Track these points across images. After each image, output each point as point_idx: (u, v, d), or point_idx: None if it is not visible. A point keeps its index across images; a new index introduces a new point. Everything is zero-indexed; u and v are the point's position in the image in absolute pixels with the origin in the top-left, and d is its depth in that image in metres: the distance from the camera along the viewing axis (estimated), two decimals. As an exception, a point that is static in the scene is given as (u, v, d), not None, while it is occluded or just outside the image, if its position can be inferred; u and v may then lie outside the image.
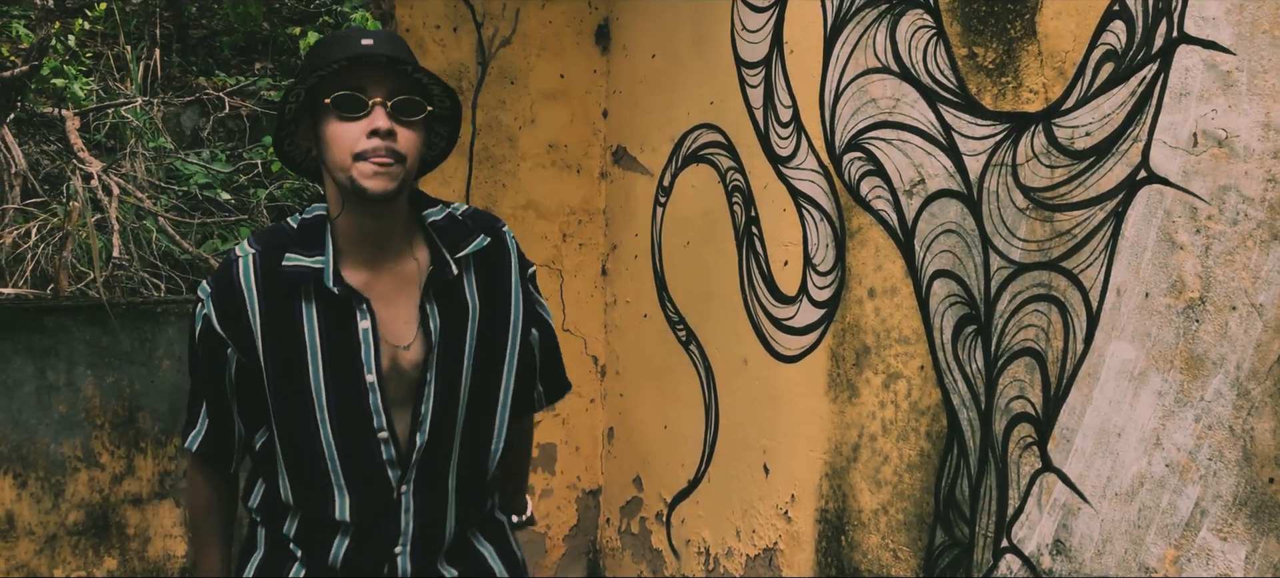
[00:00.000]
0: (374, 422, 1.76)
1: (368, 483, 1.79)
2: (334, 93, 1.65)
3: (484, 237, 1.86)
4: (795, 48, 2.85)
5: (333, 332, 1.74)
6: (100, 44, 5.71)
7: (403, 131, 1.66)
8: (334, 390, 1.74)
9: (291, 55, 6.23)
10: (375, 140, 1.63)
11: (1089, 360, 2.07)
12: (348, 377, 1.74)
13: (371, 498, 1.80)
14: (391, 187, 1.66)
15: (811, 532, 2.86)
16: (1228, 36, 1.80)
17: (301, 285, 1.74)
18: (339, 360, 1.74)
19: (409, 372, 1.78)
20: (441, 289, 1.80)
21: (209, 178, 5.11)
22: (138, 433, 3.51)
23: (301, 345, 1.74)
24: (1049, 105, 2.14)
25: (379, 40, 1.69)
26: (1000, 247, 2.25)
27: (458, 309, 1.82)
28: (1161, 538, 1.94)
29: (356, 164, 1.64)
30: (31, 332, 3.36)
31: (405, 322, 1.78)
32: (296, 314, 1.73)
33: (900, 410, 2.54)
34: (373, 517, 1.80)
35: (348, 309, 1.73)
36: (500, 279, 1.90)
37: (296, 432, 1.77)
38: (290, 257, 1.74)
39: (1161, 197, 1.92)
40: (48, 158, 4.79)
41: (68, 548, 3.43)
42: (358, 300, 1.73)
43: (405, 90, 1.68)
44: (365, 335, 1.73)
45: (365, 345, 1.73)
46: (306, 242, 1.76)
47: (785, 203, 2.91)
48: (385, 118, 1.64)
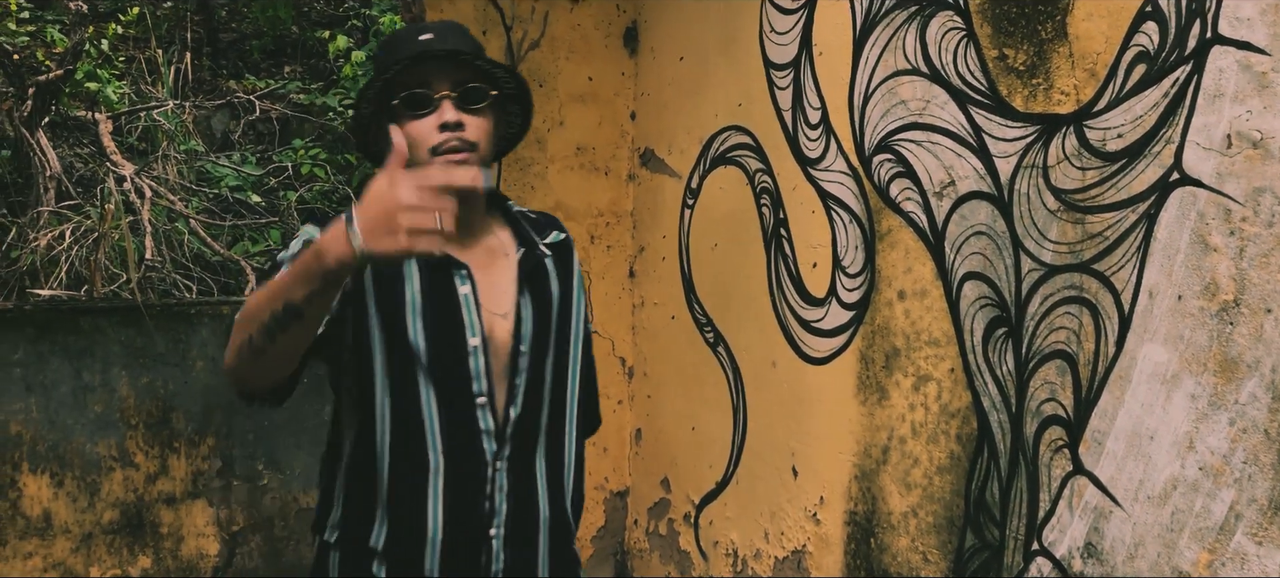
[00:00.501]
0: (473, 386, 1.76)
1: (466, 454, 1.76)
2: (401, 92, 1.70)
3: (557, 232, 1.95)
4: (824, 49, 2.85)
5: (434, 295, 1.75)
6: (133, 48, 5.78)
7: (472, 120, 1.71)
8: (436, 353, 1.74)
9: (320, 59, 6.28)
10: (446, 134, 1.68)
11: (1121, 363, 2.06)
12: (449, 340, 1.75)
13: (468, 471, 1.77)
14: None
15: (840, 534, 2.86)
16: (1262, 37, 1.79)
17: None
18: (441, 324, 1.75)
19: (504, 341, 1.80)
20: (532, 268, 1.85)
21: (239, 180, 5.16)
22: (171, 433, 3.55)
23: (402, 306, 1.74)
24: (1080, 107, 2.13)
25: (439, 33, 1.74)
26: (1031, 249, 2.25)
27: (544, 291, 1.87)
28: (1195, 542, 1.92)
29: (433, 159, 1.68)
30: (67, 333, 3.40)
31: (501, 292, 1.81)
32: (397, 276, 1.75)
33: (930, 413, 2.54)
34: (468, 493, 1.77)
35: (447, 275, 1.76)
36: (569, 276, 1.95)
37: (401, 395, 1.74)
38: None
39: (1195, 199, 1.91)
40: (81, 161, 4.85)
41: (103, 547, 3.47)
42: (457, 266, 1.76)
43: (470, 79, 1.72)
44: (465, 300, 1.76)
45: (466, 309, 1.76)
46: None
47: (814, 205, 2.91)
48: (453, 110, 1.69)
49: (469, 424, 1.76)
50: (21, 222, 4.16)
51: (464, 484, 1.77)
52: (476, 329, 1.76)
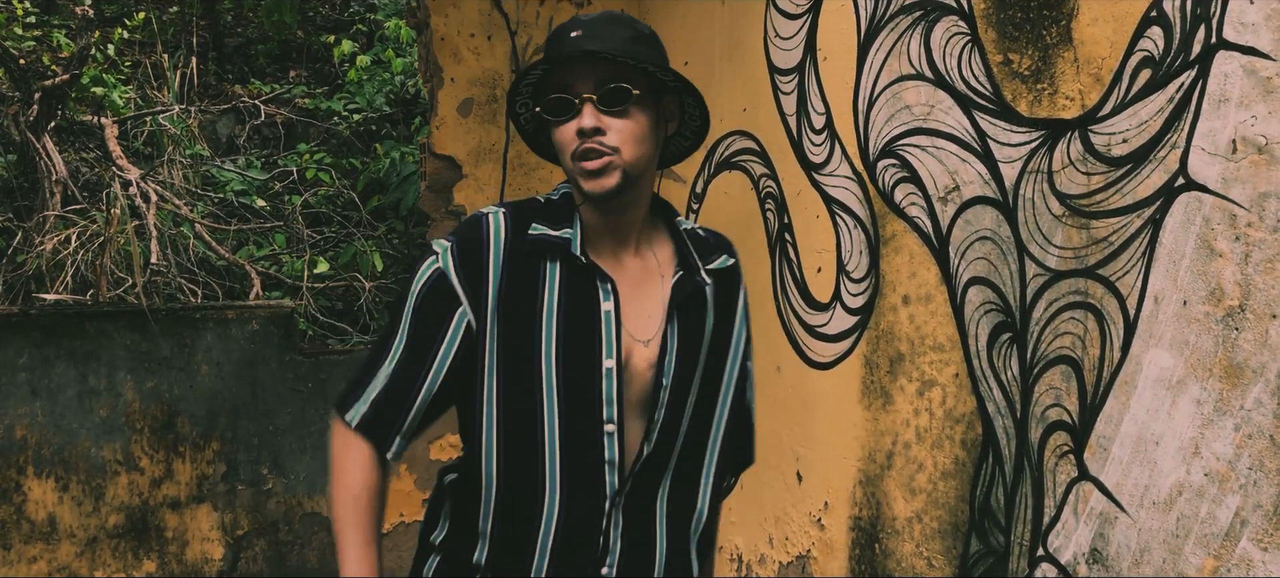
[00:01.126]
0: (603, 412, 1.61)
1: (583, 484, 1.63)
2: (543, 98, 1.60)
3: (727, 256, 1.80)
4: (829, 54, 2.85)
5: (573, 308, 1.61)
6: (138, 53, 5.79)
7: (615, 122, 1.57)
8: (566, 370, 1.60)
9: (325, 63, 6.29)
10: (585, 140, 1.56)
11: (1126, 368, 2.06)
12: (583, 358, 1.61)
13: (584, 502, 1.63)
14: (610, 184, 1.57)
15: (845, 539, 2.85)
16: (1268, 42, 1.78)
17: (546, 255, 1.63)
18: (576, 339, 1.61)
19: (642, 371, 1.65)
20: (688, 295, 1.69)
21: (245, 185, 5.16)
22: (176, 437, 3.56)
23: (537, 316, 1.61)
24: (1085, 112, 2.13)
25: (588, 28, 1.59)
26: (1036, 254, 2.24)
27: (697, 322, 1.71)
28: (1200, 548, 1.92)
29: (575, 165, 1.58)
30: (73, 337, 3.41)
31: (648, 317, 1.67)
32: (538, 282, 1.62)
33: (935, 418, 2.53)
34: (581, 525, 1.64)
35: (591, 287, 1.63)
36: (731, 304, 1.80)
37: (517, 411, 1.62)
38: (536, 227, 1.64)
39: (1200, 204, 1.90)
40: (87, 165, 4.86)
41: (108, 550, 3.48)
42: (603, 278, 1.63)
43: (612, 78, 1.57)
44: (607, 318, 1.62)
45: (606, 327, 1.61)
46: (553, 216, 1.66)
47: (819, 209, 2.91)
48: (592, 115, 1.56)
49: (592, 452, 1.62)
50: (27, 226, 4.17)
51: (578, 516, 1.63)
52: (613, 350, 1.61)
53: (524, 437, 1.62)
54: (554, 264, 1.62)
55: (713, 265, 1.75)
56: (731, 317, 1.79)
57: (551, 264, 1.62)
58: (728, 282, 1.78)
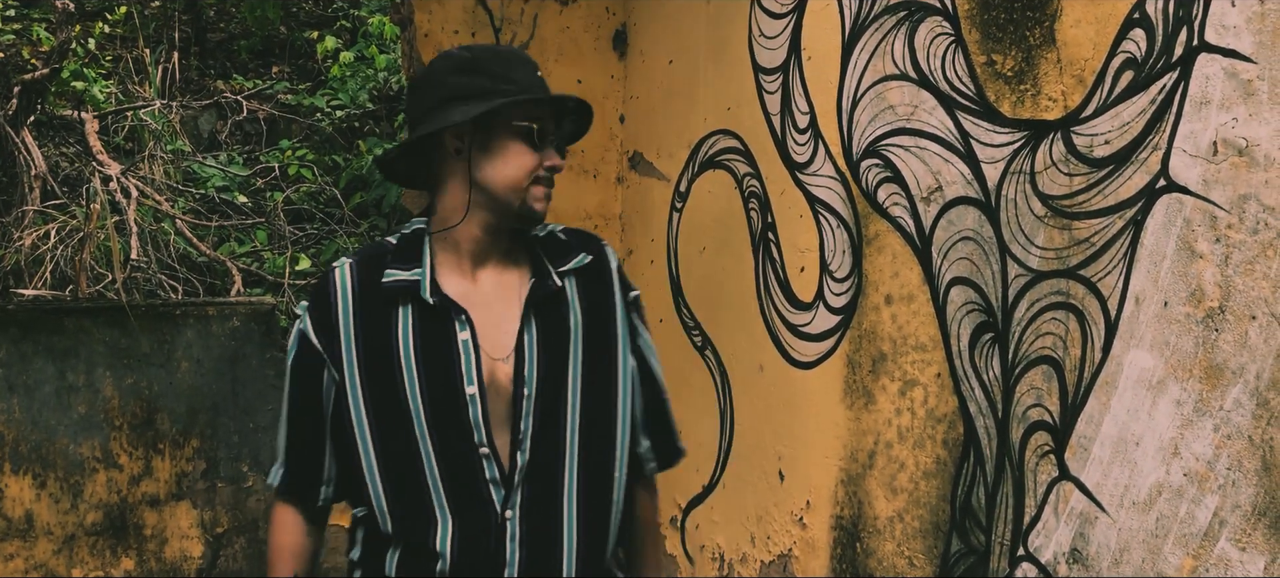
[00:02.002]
0: (475, 437, 1.69)
1: (471, 505, 1.70)
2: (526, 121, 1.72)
3: (585, 254, 1.85)
4: (813, 54, 2.86)
5: (430, 344, 1.70)
6: (119, 47, 5.76)
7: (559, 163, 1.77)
8: (432, 405, 1.69)
9: (308, 59, 6.26)
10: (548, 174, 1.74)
11: (1107, 369, 2.07)
12: (447, 390, 1.69)
13: (475, 521, 1.70)
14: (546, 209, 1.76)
15: (827, 539, 2.86)
16: (1248, 45, 1.79)
17: (399, 298, 1.72)
18: (437, 373, 1.69)
19: (506, 386, 1.72)
20: (542, 302, 1.77)
21: (226, 181, 5.14)
22: (156, 434, 3.53)
23: (396, 358, 1.70)
24: (1068, 113, 2.14)
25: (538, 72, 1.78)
26: (1018, 254, 2.25)
27: (560, 325, 1.78)
28: (1179, 548, 1.93)
29: (532, 187, 1.72)
30: (51, 333, 3.38)
31: (505, 333, 1.74)
32: (392, 326, 1.71)
33: (917, 418, 2.54)
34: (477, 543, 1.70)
35: (446, 320, 1.71)
36: (602, 297, 1.85)
37: (395, 452, 1.70)
38: (389, 273, 1.73)
39: (1181, 205, 1.91)
40: (67, 160, 4.83)
41: (86, 548, 3.45)
42: (456, 311, 1.71)
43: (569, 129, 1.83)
44: (464, 346, 1.70)
45: (465, 356, 1.69)
46: (404, 256, 1.75)
47: (802, 209, 2.91)
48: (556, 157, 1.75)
49: (474, 475, 1.69)
50: (6, 221, 4.14)
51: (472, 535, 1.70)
52: (474, 377, 1.69)
53: (407, 473, 1.70)
54: (407, 306, 1.71)
55: (568, 266, 1.81)
56: (607, 310, 1.85)
57: (405, 307, 1.71)
58: (595, 277, 1.84)
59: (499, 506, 1.70)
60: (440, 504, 1.69)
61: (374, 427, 1.71)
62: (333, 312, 1.73)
